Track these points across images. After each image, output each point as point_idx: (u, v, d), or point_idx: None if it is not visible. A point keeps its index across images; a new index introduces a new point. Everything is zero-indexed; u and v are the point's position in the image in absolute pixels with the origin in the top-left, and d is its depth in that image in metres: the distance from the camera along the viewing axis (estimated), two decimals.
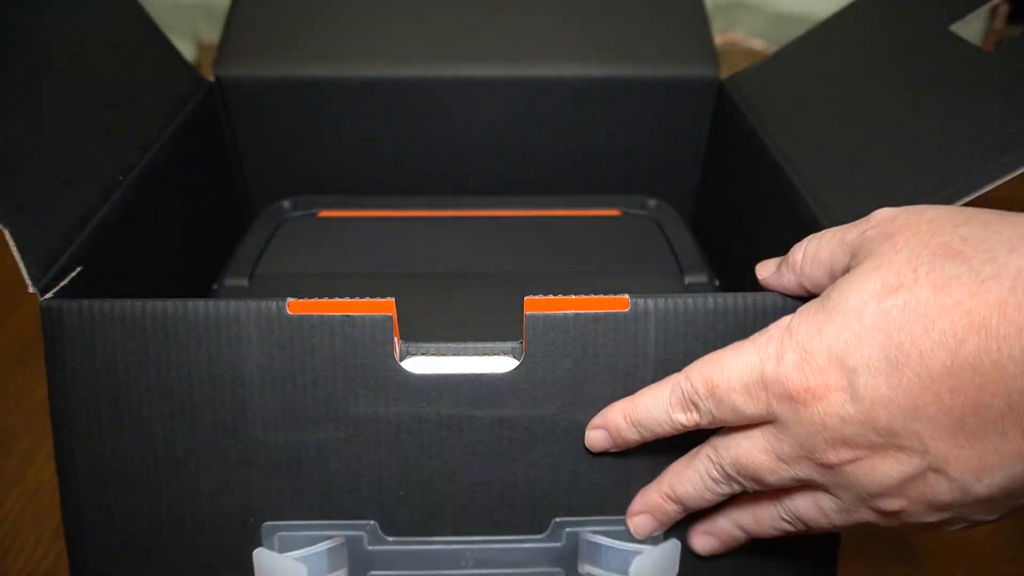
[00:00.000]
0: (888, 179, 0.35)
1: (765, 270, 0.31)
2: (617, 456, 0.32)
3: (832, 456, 0.26)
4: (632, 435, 0.30)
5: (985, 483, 0.24)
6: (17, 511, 0.50)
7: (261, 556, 0.32)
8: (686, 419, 0.28)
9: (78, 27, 0.40)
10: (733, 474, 0.29)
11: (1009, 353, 0.22)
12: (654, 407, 0.29)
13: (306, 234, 0.49)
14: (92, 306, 0.30)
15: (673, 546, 0.33)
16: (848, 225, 0.28)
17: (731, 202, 0.50)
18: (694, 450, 0.31)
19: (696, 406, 0.28)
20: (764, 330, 0.28)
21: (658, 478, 0.32)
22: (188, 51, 1.05)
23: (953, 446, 0.24)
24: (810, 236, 0.30)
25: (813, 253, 0.29)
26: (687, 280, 0.45)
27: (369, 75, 0.51)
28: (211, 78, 0.51)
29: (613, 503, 0.33)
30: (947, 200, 0.31)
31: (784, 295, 0.31)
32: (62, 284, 0.31)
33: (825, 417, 0.25)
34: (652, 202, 0.53)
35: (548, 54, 0.52)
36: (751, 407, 0.27)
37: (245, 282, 0.44)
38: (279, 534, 0.33)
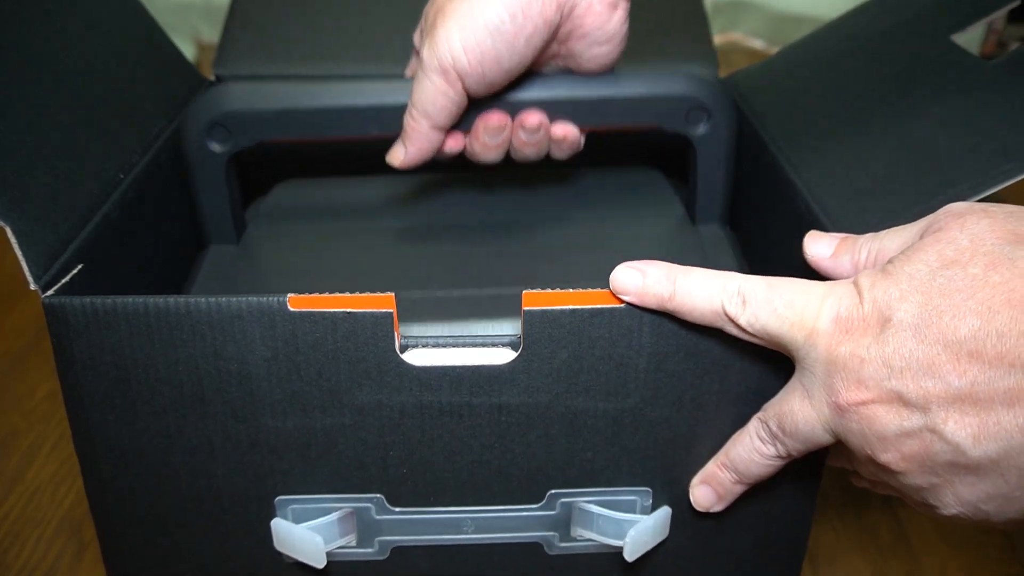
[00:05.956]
0: (889, 181, 0.33)
1: (818, 246, 0.30)
2: (609, 435, 0.31)
3: (845, 396, 0.25)
4: (664, 292, 0.28)
5: (980, 448, 0.23)
6: (17, 511, 0.47)
7: (279, 526, 0.32)
8: (730, 307, 0.27)
9: (79, 27, 0.37)
10: (775, 430, 0.28)
11: None
12: (707, 283, 0.28)
13: (298, 193, 0.45)
14: (95, 303, 0.28)
15: (664, 514, 0.33)
16: (915, 223, 0.27)
17: (731, 201, 0.46)
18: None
19: (746, 303, 0.27)
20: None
21: (717, 452, 0.31)
22: (188, 51, 1.02)
23: (956, 410, 0.23)
24: (870, 235, 0.28)
25: (877, 252, 0.28)
26: (701, 230, 0.40)
27: (368, 73, 0.48)
28: (211, 77, 0.48)
29: (605, 477, 0.32)
30: (947, 203, 0.29)
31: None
32: (63, 281, 0.29)
33: (849, 356, 0.25)
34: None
35: None
36: (791, 332, 0.26)
37: (233, 244, 0.40)
38: (292, 507, 0.32)
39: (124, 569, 0.34)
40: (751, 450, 0.30)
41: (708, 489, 0.32)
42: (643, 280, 0.29)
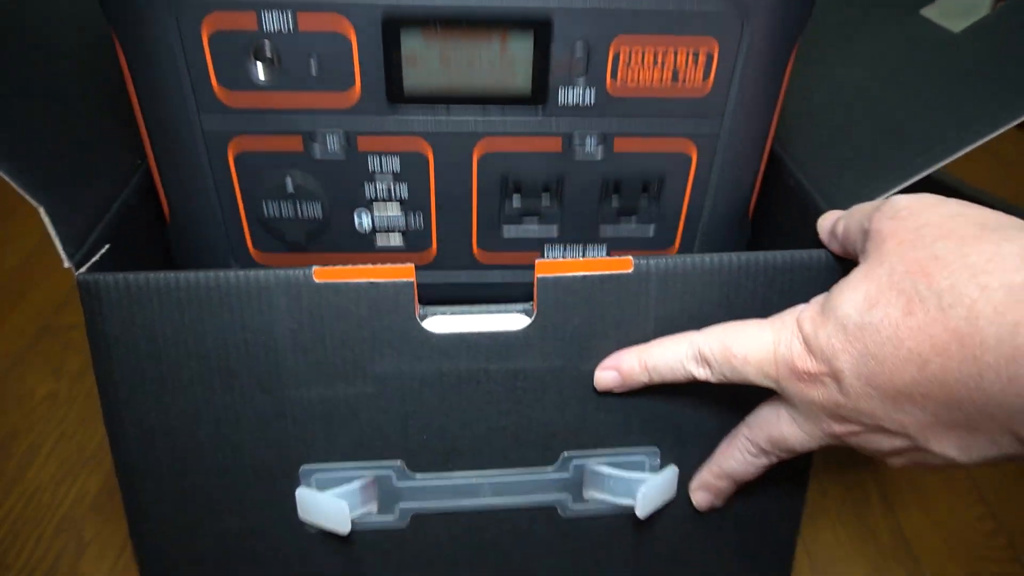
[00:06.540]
0: (868, 151, 0.35)
1: (826, 223, 0.32)
2: (618, 397, 0.33)
3: (836, 428, 0.28)
4: (642, 378, 0.31)
5: (965, 457, 0.25)
6: (17, 511, 0.48)
7: (304, 494, 0.33)
8: (697, 372, 0.30)
9: (96, 27, 0.39)
10: (768, 448, 0.31)
11: (968, 373, 0.23)
12: (669, 356, 0.31)
13: None
14: (127, 279, 0.29)
15: (671, 472, 0.34)
16: (872, 207, 0.29)
17: None
18: (732, 432, 0.33)
19: (710, 364, 0.30)
20: (782, 314, 0.29)
21: (708, 460, 0.34)
22: None
23: (933, 433, 0.25)
24: (851, 210, 0.30)
25: (845, 230, 0.30)
26: None
27: None
28: None
29: (615, 438, 0.34)
30: (922, 166, 0.31)
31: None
32: (94, 260, 0.30)
33: (823, 400, 0.27)
34: None
35: None
36: (759, 379, 0.29)
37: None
38: (316, 475, 0.33)
39: (151, 543, 0.35)
40: (744, 463, 0.33)
41: (706, 493, 0.35)
42: (619, 374, 0.32)
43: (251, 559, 0.35)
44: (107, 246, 0.32)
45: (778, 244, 0.35)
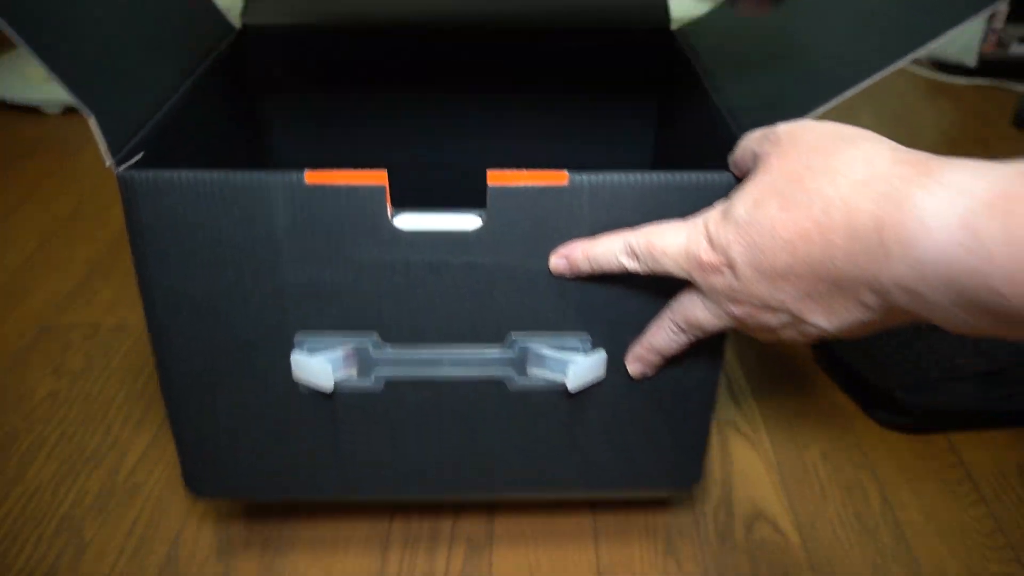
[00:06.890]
0: (788, 92, 0.41)
1: (731, 157, 0.38)
2: (558, 291, 0.40)
3: (734, 310, 0.34)
4: (585, 267, 0.38)
5: (833, 325, 0.32)
6: (17, 511, 0.48)
7: (297, 358, 0.40)
8: (628, 264, 0.37)
9: None
10: (686, 328, 0.38)
11: (825, 254, 0.30)
12: (606, 249, 0.37)
13: None
14: (158, 175, 0.36)
15: (600, 356, 0.41)
16: (761, 134, 0.35)
17: (681, 131, 0.54)
18: (659, 314, 0.40)
19: (638, 257, 0.36)
20: (695, 217, 0.35)
21: (640, 337, 0.41)
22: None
23: (805, 306, 0.32)
24: (743, 140, 0.36)
25: (740, 155, 0.36)
26: None
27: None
28: (238, 26, 0.57)
29: (555, 324, 0.41)
30: (822, 99, 0.37)
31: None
32: (130, 162, 0.38)
33: (723, 287, 0.34)
34: None
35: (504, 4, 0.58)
36: (676, 270, 0.36)
37: None
38: (307, 343, 0.41)
39: (178, 400, 0.43)
40: (668, 340, 0.40)
41: (639, 364, 0.42)
42: (567, 262, 0.38)
43: (255, 416, 0.43)
44: (141, 153, 0.39)
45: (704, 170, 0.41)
